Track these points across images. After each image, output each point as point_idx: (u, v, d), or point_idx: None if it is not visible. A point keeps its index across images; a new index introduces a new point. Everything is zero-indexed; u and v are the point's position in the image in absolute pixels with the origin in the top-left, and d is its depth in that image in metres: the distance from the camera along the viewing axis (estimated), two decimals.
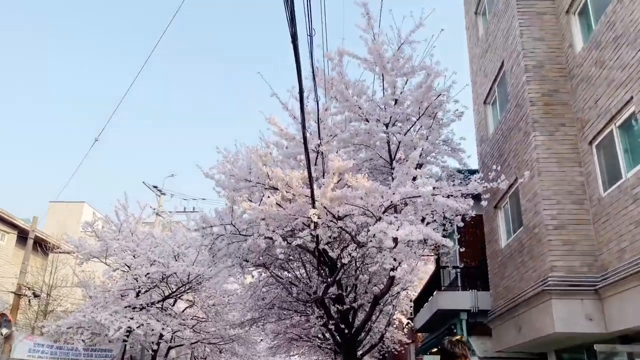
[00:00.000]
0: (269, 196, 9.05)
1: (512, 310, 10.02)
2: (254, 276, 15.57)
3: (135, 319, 17.32)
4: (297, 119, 10.74)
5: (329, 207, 8.90)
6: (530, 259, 9.23)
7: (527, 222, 9.43)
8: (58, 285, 20.17)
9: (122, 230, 18.80)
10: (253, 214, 10.39)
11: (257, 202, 10.56)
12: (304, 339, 23.01)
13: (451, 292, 13.08)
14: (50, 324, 17.20)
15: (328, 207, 8.91)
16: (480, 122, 12.54)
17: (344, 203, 9.07)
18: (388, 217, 9.18)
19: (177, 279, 18.74)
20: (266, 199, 9.02)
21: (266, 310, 18.14)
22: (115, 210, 18.88)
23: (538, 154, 9.04)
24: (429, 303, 13.99)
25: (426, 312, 14.63)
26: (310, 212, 8.37)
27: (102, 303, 18.07)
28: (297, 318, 20.47)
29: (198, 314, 21.33)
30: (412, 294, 19.20)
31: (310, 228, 9.53)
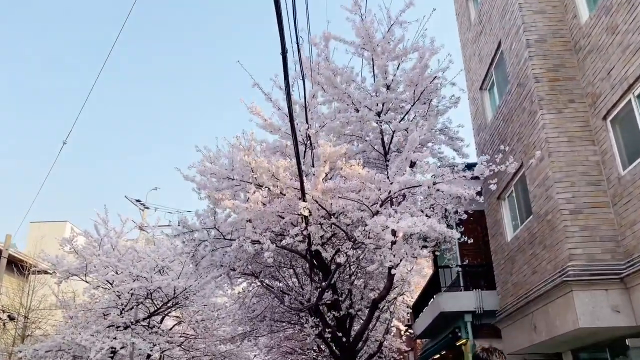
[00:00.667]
0: (254, 192, 8.04)
1: (524, 308, 9.04)
2: (243, 288, 14.48)
3: (119, 338, 16.07)
4: (282, 110, 9.79)
5: (320, 200, 7.91)
6: (544, 249, 8.29)
7: (538, 209, 8.51)
8: (36, 307, 18.81)
9: (103, 245, 17.60)
10: (237, 214, 9.36)
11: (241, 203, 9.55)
12: (299, 352, 21.82)
13: (453, 293, 12.08)
14: (27, 348, 15.86)
15: (320, 201, 7.92)
16: (476, 110, 11.67)
17: (337, 197, 8.09)
18: (386, 210, 8.21)
19: (162, 294, 17.53)
20: (251, 195, 8.00)
21: (257, 322, 17.00)
22: (94, 225, 17.69)
23: (547, 133, 8.14)
24: (430, 306, 12.98)
25: (427, 316, 13.60)
26: (300, 206, 7.36)
27: (83, 323, 16.80)
28: (291, 330, 19.32)
29: (187, 331, 20.06)
30: (408, 300, 18.13)
31: (300, 226, 8.52)
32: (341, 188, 7.89)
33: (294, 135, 6.17)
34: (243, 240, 9.41)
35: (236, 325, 17.48)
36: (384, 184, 7.87)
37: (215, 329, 19.49)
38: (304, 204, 7.36)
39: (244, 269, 12.22)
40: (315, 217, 8.39)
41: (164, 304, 17.48)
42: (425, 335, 15.59)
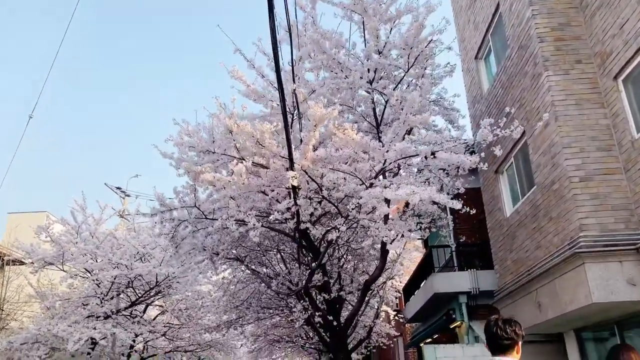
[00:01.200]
0: (236, 163, 7.22)
1: (527, 286, 8.40)
2: (228, 274, 13.67)
3: (99, 328, 15.17)
4: (266, 77, 8.95)
5: (310, 171, 7.14)
6: (550, 221, 7.63)
7: (542, 179, 7.83)
8: (11, 298, 17.77)
9: (81, 232, 16.62)
10: (219, 190, 8.54)
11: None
12: (287, 339, 21.09)
13: (447, 274, 11.43)
14: (1, 341, 14.89)
15: (309, 172, 7.15)
16: (471, 82, 10.96)
17: (328, 168, 7.32)
18: (380, 182, 7.47)
19: (143, 283, 16.65)
20: (233, 167, 7.17)
21: (244, 310, 16.23)
22: (71, 212, 16.69)
23: (552, 96, 7.45)
24: (422, 288, 12.32)
25: (419, 299, 12.96)
26: (288, 175, 6.58)
27: (60, 314, 15.86)
28: (278, 318, 18.58)
29: (171, 321, 19.19)
30: (398, 284, 17.48)
31: (288, 201, 7.74)
32: (332, 157, 7.12)
33: (281, 88, 5.37)
34: (226, 219, 8.60)
35: (221, 313, 16.70)
36: (379, 152, 7.12)
37: (200, 317, 18.66)
38: (292, 173, 6.58)
39: (228, 253, 11.44)
40: (305, 190, 7.62)
41: (146, 292, 16.62)
42: (417, 319, 14.98)
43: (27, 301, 17.65)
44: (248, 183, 7.44)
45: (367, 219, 7.77)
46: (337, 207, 8.05)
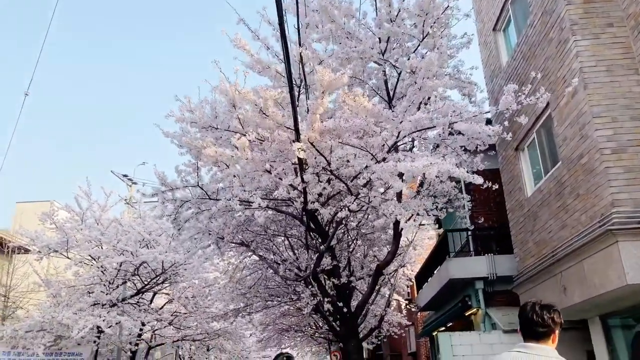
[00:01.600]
0: (239, 137, 6.70)
1: (551, 269, 7.83)
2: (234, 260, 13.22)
3: (104, 316, 14.82)
4: (271, 49, 8.40)
5: (317, 143, 6.61)
6: (577, 198, 7.04)
7: (569, 153, 7.23)
8: (17, 285, 17.49)
9: (86, 219, 16.26)
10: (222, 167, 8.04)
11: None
12: (295, 328, 20.68)
13: (463, 259, 10.87)
14: (5, 329, 14.59)
15: (317, 144, 6.62)
16: (489, 55, 10.33)
17: (336, 141, 6.78)
18: (393, 156, 6.93)
19: (149, 270, 16.27)
20: (236, 140, 6.66)
21: (251, 297, 15.80)
22: (75, 198, 16.32)
23: (581, 62, 6.84)
24: (437, 275, 11.77)
25: (433, 285, 12.42)
26: (294, 147, 6.05)
27: (66, 301, 15.53)
28: (286, 306, 18.15)
29: (179, 310, 18.82)
30: (409, 273, 16.95)
31: (294, 178, 7.23)
32: (342, 129, 6.58)
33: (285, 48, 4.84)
34: (230, 199, 8.11)
35: (228, 301, 16.29)
36: (392, 123, 6.57)
37: (207, 306, 18.27)
38: (298, 144, 6.05)
39: (234, 237, 10.97)
40: (312, 165, 7.10)
41: (152, 279, 16.24)
42: (430, 308, 14.44)
43: (33, 289, 17.35)
44: (252, 158, 6.93)
45: (379, 196, 7.25)
46: (347, 184, 7.52)
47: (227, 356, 26.16)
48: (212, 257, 14.03)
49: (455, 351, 9.57)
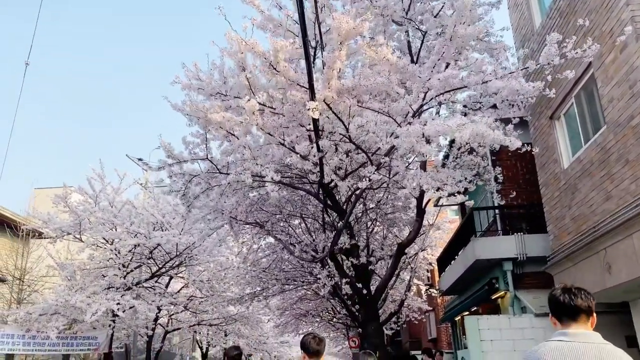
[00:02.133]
0: (248, 99, 6.03)
1: (592, 245, 7.05)
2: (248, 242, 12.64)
3: (117, 300, 14.41)
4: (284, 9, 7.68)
5: (335, 104, 5.91)
6: (625, 165, 6.24)
7: (616, 115, 6.42)
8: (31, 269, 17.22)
9: (99, 202, 15.83)
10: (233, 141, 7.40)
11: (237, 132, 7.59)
12: (313, 313, 20.13)
13: (491, 239, 10.12)
14: (19, 311, 14.30)
15: (334, 105, 5.92)
16: (520, 18, 9.46)
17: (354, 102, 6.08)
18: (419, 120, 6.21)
19: (163, 253, 15.82)
20: (244, 103, 5.99)
21: (267, 281, 15.27)
22: (88, 180, 15.89)
23: (633, 11, 6.00)
24: (461, 256, 11.04)
25: (457, 268, 11.69)
26: (309, 107, 5.36)
27: (80, 284, 15.18)
28: (303, 290, 17.62)
29: (195, 294, 18.40)
30: (429, 256, 16.19)
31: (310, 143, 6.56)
32: (362, 89, 5.87)
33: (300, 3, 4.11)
34: (240, 173, 7.48)
35: (244, 285, 15.79)
36: (419, 82, 5.84)
37: (224, 290, 17.78)
38: (313, 103, 5.37)
39: (247, 217, 10.39)
40: (329, 130, 6.41)
41: (166, 262, 15.79)
42: (453, 292, 13.72)
43: (47, 273, 17.06)
44: (263, 123, 6.26)
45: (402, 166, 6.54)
46: (368, 154, 6.81)
47: (245, 341, 25.80)
48: (226, 239, 13.54)
49: (483, 335, 8.87)
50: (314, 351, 3.31)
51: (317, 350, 3.31)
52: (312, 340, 3.38)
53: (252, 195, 10.29)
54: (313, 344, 3.34)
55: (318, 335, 3.57)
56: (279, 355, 41.73)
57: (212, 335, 24.11)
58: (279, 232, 11.98)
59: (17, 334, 14.51)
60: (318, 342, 3.38)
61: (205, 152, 7.80)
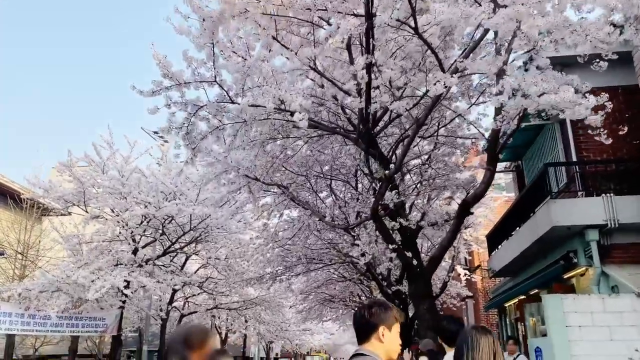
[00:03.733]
0: None
1: None
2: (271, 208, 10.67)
3: (124, 276, 12.67)
4: None
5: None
6: None
7: None
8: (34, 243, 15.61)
9: (107, 170, 14.10)
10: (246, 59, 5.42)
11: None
12: (339, 298, 18.11)
13: (573, 201, 7.94)
14: (16, 287, 12.66)
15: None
16: None
17: None
18: None
19: (176, 227, 14.02)
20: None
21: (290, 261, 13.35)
22: (94, 147, 14.16)
23: None
24: (528, 225, 8.83)
25: (518, 242, 9.49)
26: None
27: (85, 260, 13.49)
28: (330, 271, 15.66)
29: (212, 275, 16.58)
30: (468, 237, 13.91)
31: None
32: None
33: None
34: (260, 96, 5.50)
35: (265, 263, 13.89)
36: None
37: (243, 271, 15.91)
38: None
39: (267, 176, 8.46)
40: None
41: (179, 237, 13.99)
42: (507, 272, 11.53)
43: (52, 248, 15.42)
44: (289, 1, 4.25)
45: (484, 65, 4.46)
46: (437, 55, 4.71)
47: (265, 327, 24.00)
48: (244, 208, 11.63)
49: (569, 320, 6.73)
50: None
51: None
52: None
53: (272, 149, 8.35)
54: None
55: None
56: (300, 344, 39.97)
57: (232, 320, 22.36)
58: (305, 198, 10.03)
59: (15, 312, 12.86)
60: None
61: (212, 73, 5.82)
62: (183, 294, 18.26)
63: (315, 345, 47.12)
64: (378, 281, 11.47)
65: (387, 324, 2.09)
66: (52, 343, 18.64)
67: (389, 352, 2.09)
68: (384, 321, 2.09)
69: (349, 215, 9.97)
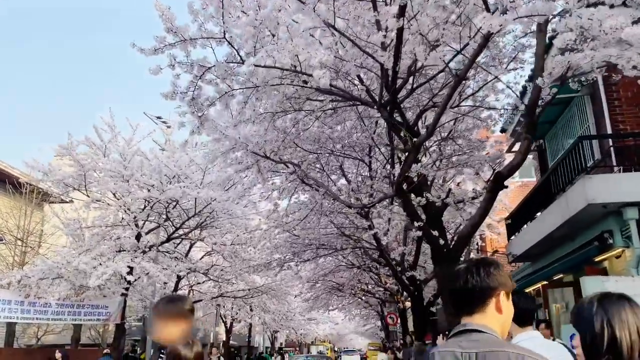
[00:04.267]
0: None
1: None
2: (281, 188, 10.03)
3: (128, 263, 12.10)
4: None
5: None
6: None
7: None
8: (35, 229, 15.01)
9: (109, 154, 13.48)
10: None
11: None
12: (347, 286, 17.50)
13: (611, 176, 7.29)
14: (15, 274, 12.08)
15: None
16: None
17: None
18: None
19: (181, 212, 13.40)
20: None
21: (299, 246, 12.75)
22: (95, 129, 13.53)
23: None
24: (558, 204, 8.13)
25: (545, 223, 8.84)
26: None
27: (87, 246, 12.90)
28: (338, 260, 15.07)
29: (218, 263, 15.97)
30: (487, 221, 13.23)
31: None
32: None
33: None
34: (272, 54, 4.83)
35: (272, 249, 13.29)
36: None
37: (250, 258, 15.29)
38: None
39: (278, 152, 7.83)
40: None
41: (184, 222, 13.38)
42: (527, 258, 10.88)
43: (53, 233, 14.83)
44: None
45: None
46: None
47: (270, 316, 23.45)
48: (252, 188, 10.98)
49: None
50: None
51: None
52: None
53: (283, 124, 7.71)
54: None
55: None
56: (305, 333, 39.54)
57: (237, 309, 21.82)
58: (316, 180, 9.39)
59: (14, 300, 12.32)
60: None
61: (222, 29, 5.14)
62: (188, 282, 17.69)
63: (320, 334, 46.70)
64: (392, 267, 10.87)
65: (506, 289, 1.47)
66: (54, 332, 18.12)
67: (506, 329, 1.48)
68: (504, 285, 1.47)
69: (361, 198, 9.36)
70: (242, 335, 29.53)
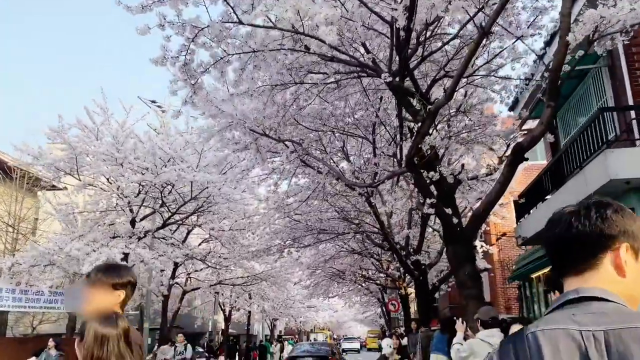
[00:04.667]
0: None
1: None
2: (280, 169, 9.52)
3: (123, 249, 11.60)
4: None
5: None
6: None
7: None
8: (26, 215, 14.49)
9: (101, 137, 12.90)
10: None
11: None
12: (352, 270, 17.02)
13: (632, 150, 6.80)
14: (5, 261, 11.58)
15: None
16: None
17: None
18: None
19: (177, 197, 12.89)
20: None
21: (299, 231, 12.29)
22: (86, 110, 12.94)
23: None
24: (575, 181, 7.68)
25: (557, 204, 8.35)
26: None
27: (79, 232, 12.40)
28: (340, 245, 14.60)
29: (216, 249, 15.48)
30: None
31: None
32: None
33: None
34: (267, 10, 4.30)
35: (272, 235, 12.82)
36: None
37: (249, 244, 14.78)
38: None
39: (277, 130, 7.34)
40: None
41: (180, 206, 12.86)
42: (537, 240, 10.42)
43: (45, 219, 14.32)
44: None
45: None
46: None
47: (270, 304, 23.06)
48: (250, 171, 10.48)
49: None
50: None
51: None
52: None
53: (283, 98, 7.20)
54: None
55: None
56: (304, 321, 39.30)
57: (236, 297, 21.39)
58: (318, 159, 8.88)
59: (5, 288, 11.83)
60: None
61: None
62: (185, 270, 17.25)
63: (319, 322, 46.49)
64: (396, 251, 10.41)
65: (633, 242, 0.98)
66: (50, 321, 17.67)
67: (635, 294, 0.99)
68: (628, 236, 0.97)
69: (364, 179, 8.86)
70: (241, 324, 29.19)
